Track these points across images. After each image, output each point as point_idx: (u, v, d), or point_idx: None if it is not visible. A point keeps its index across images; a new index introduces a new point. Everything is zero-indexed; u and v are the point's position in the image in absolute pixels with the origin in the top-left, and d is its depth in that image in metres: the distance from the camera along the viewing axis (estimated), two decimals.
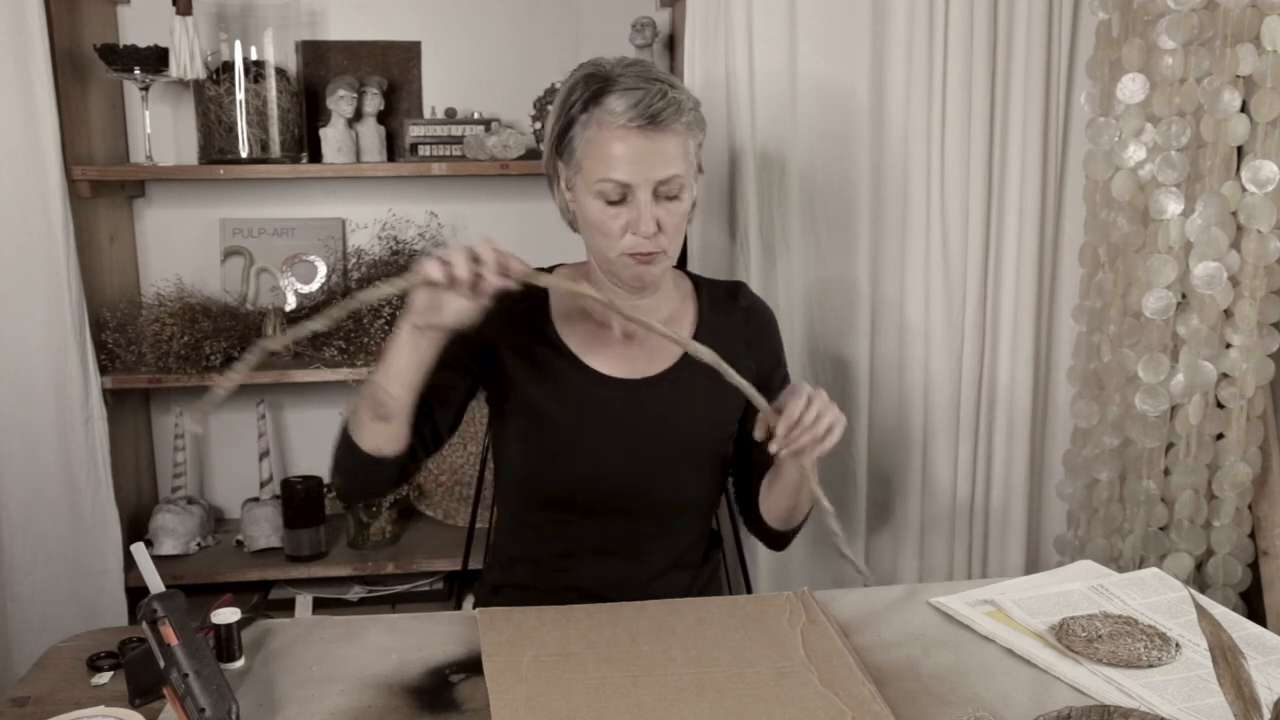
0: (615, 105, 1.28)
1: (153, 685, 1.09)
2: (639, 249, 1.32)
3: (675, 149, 1.31)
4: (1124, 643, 1.18)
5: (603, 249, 1.35)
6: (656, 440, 1.41)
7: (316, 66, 2.26)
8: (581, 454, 1.41)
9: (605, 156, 1.29)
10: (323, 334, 2.16)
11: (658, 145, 1.29)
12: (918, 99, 1.97)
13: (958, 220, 2.01)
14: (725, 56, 1.96)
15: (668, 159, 1.30)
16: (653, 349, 1.44)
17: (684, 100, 1.32)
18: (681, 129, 1.31)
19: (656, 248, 1.32)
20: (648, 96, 1.28)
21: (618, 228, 1.32)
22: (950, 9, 1.94)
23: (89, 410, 1.99)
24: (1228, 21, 1.76)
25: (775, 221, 2.00)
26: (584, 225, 1.38)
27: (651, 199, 1.30)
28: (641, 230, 1.30)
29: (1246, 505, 1.92)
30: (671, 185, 1.31)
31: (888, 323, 2.05)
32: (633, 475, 1.41)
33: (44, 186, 1.91)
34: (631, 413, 1.41)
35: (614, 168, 1.29)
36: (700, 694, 1.08)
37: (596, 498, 1.42)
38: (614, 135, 1.29)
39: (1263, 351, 1.85)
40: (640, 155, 1.28)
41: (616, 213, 1.31)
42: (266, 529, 2.17)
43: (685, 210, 1.35)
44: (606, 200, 1.31)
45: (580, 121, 1.31)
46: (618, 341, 1.44)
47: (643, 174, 1.29)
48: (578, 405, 1.41)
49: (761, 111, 1.96)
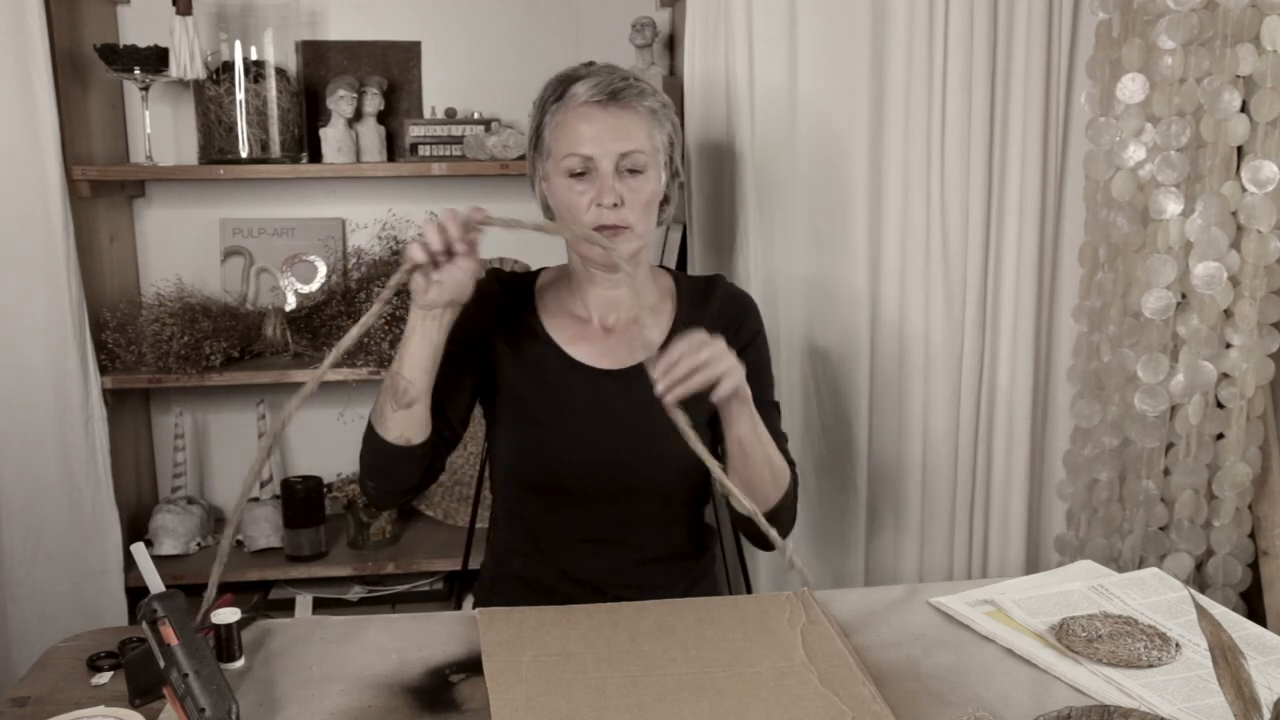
0: (579, 89, 1.38)
1: (153, 685, 1.09)
2: (603, 220, 1.37)
3: (637, 127, 1.38)
4: (1124, 643, 1.18)
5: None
6: (639, 426, 1.44)
7: (316, 66, 2.26)
8: (567, 441, 1.45)
9: (570, 134, 1.38)
10: (323, 334, 2.17)
11: (619, 120, 1.37)
12: (918, 99, 1.97)
13: (958, 220, 2.01)
14: (725, 56, 1.96)
15: (629, 134, 1.37)
16: (632, 339, 1.48)
17: (647, 89, 1.40)
18: (644, 112, 1.39)
19: (620, 220, 1.37)
20: (609, 79, 1.38)
21: (584, 203, 1.38)
22: (950, 9, 1.94)
23: (89, 410, 1.99)
24: (1228, 21, 1.76)
25: (775, 221, 2.00)
26: (558, 213, 1.44)
27: (614, 172, 1.37)
28: (604, 199, 1.36)
29: (1246, 505, 1.92)
30: (634, 160, 1.37)
31: (888, 322, 2.05)
32: (617, 461, 1.44)
33: (44, 186, 1.91)
34: (614, 400, 1.45)
35: (578, 143, 1.37)
36: (700, 694, 1.08)
37: (583, 484, 1.45)
38: (578, 114, 1.37)
39: (1263, 351, 1.85)
40: (602, 129, 1.36)
41: (583, 188, 1.38)
42: (266, 529, 2.17)
43: (650, 190, 1.40)
44: (571, 174, 1.38)
45: (549, 113, 1.41)
46: (598, 333, 1.49)
47: (604, 146, 1.36)
48: (562, 394, 1.45)
49: (761, 111, 1.96)
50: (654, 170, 1.41)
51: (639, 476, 1.45)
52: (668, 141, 1.43)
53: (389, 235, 2.24)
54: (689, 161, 2.01)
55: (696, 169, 2.02)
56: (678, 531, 1.53)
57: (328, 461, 2.32)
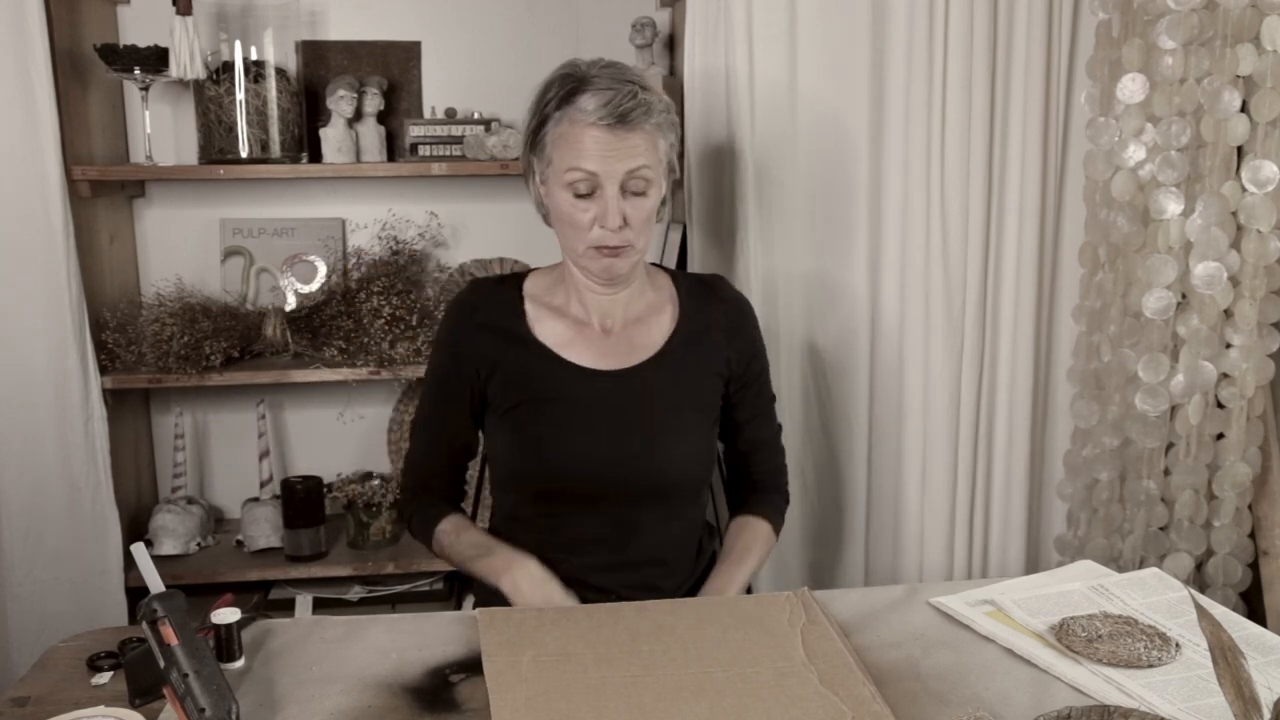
0: (587, 104, 1.34)
1: (153, 685, 1.09)
2: (606, 242, 1.38)
3: (643, 145, 1.37)
4: (1124, 643, 1.18)
5: (572, 242, 1.42)
6: (639, 427, 1.45)
7: (316, 66, 2.26)
8: (567, 444, 1.45)
9: (575, 149, 1.35)
10: (323, 334, 2.17)
11: (626, 141, 1.35)
12: (918, 99, 1.97)
13: (958, 220, 2.01)
14: (725, 56, 1.96)
15: (635, 153, 1.36)
16: (632, 341, 1.48)
17: (654, 103, 1.38)
18: (651, 129, 1.38)
19: (623, 241, 1.38)
20: (618, 97, 1.34)
21: (586, 220, 1.38)
22: (950, 9, 1.94)
23: (89, 410, 1.99)
24: (1228, 21, 1.76)
25: (775, 221, 2.00)
26: (555, 219, 1.44)
27: (619, 193, 1.36)
28: (608, 223, 1.36)
29: (1246, 505, 1.92)
30: (638, 178, 1.37)
31: (888, 322, 2.05)
32: (618, 462, 1.45)
33: (44, 186, 1.91)
34: (614, 402, 1.46)
35: (583, 158, 1.35)
36: (700, 694, 1.08)
37: (583, 486, 1.46)
38: (584, 131, 1.35)
39: (1263, 351, 1.85)
40: (608, 150, 1.34)
41: (585, 206, 1.37)
42: (266, 529, 2.17)
43: (652, 206, 1.41)
44: (575, 193, 1.37)
45: (554, 119, 1.38)
46: (597, 336, 1.49)
47: (610, 166, 1.35)
48: (560, 398, 1.45)
49: (761, 111, 1.96)
50: (657, 185, 1.41)
51: (639, 476, 1.46)
52: (669, 146, 1.43)
53: (389, 235, 2.24)
54: (689, 161, 2.02)
55: (696, 169, 2.02)
56: (678, 531, 1.53)
57: (328, 462, 2.32)
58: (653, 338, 1.49)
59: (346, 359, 2.09)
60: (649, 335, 1.49)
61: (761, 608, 1.30)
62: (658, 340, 1.48)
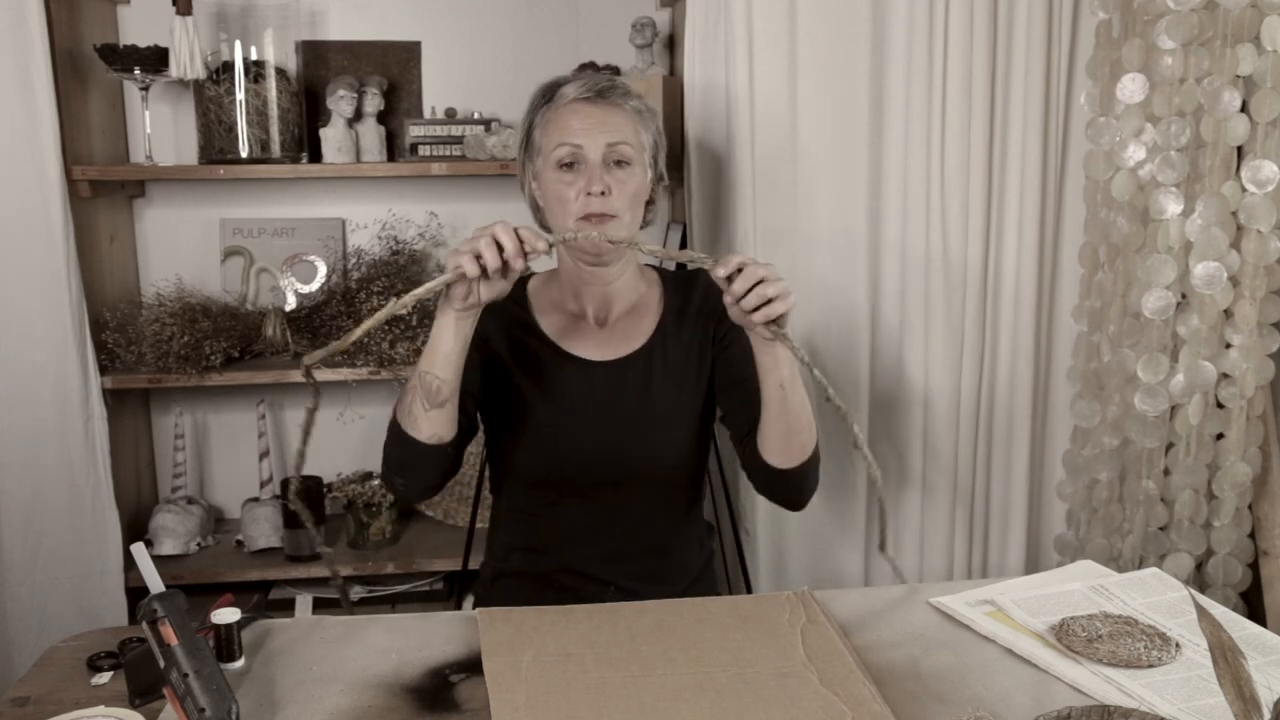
0: (567, 90, 1.44)
1: (153, 685, 1.09)
2: (590, 208, 1.41)
3: (623, 122, 1.43)
4: (1124, 643, 1.18)
5: (561, 219, 1.44)
6: (634, 414, 1.48)
7: (316, 66, 2.26)
8: (565, 434, 1.48)
9: (560, 127, 1.43)
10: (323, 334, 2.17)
11: (607, 114, 1.43)
12: (918, 99, 1.97)
13: (958, 220, 2.01)
14: (725, 56, 1.96)
15: (617, 127, 1.43)
16: (624, 332, 1.52)
17: (632, 91, 1.47)
18: (630, 111, 1.45)
19: (608, 208, 1.41)
20: (596, 79, 1.45)
21: (573, 193, 1.42)
22: (950, 9, 1.94)
23: (89, 410, 1.99)
24: (1228, 21, 1.76)
25: (774, 222, 2.00)
26: (547, 207, 1.47)
27: (601, 163, 1.41)
28: (592, 188, 1.40)
29: (1246, 505, 1.92)
30: (621, 151, 1.42)
31: (888, 323, 2.05)
32: (613, 449, 1.47)
33: (44, 186, 1.91)
34: (610, 391, 1.49)
35: (567, 133, 1.42)
36: (700, 694, 1.08)
37: (582, 475, 1.48)
38: (567, 110, 1.43)
39: (1263, 351, 1.85)
40: (590, 122, 1.42)
41: (571, 179, 1.42)
42: (266, 529, 2.17)
43: (637, 183, 1.44)
44: (561, 165, 1.42)
45: (540, 114, 1.46)
46: (593, 327, 1.52)
47: (593, 136, 1.41)
48: (559, 388, 1.49)
49: (761, 111, 1.96)
50: (640, 166, 1.45)
51: (635, 465, 1.48)
52: (652, 143, 1.48)
53: (389, 235, 2.24)
54: (689, 161, 2.01)
55: (696, 169, 2.02)
56: (676, 520, 1.56)
57: (328, 461, 2.31)
58: (643, 328, 1.52)
59: (346, 359, 2.09)
60: (639, 326, 1.52)
61: (761, 608, 1.30)
62: (648, 330, 1.52)
